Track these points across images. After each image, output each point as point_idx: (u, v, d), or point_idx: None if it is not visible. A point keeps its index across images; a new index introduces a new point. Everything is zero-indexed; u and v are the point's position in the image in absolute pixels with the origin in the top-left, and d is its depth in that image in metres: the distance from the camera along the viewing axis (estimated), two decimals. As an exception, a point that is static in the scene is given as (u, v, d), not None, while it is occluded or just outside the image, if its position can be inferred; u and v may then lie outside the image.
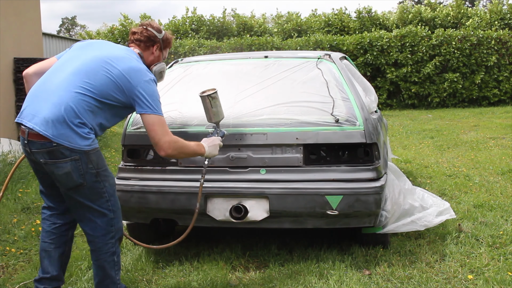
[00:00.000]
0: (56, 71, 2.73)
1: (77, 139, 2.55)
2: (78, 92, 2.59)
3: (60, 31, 50.86)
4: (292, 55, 4.09)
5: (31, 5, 9.31)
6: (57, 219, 2.89)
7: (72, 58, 2.77)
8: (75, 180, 2.59)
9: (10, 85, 8.35)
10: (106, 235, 2.74)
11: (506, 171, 6.17)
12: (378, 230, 3.57)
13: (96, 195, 2.67)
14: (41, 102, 2.60)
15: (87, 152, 2.59)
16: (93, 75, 2.63)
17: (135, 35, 2.93)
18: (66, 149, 2.54)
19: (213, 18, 19.61)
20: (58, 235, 2.88)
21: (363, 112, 3.40)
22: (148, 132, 2.72)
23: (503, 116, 12.84)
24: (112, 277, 2.80)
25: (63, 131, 2.53)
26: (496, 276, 3.17)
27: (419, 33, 16.09)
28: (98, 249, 2.75)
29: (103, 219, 2.72)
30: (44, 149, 2.55)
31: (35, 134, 2.55)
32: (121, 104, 2.71)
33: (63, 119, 2.53)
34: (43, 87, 2.67)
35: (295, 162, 3.34)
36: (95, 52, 2.75)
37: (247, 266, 3.51)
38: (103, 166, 2.69)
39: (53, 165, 2.57)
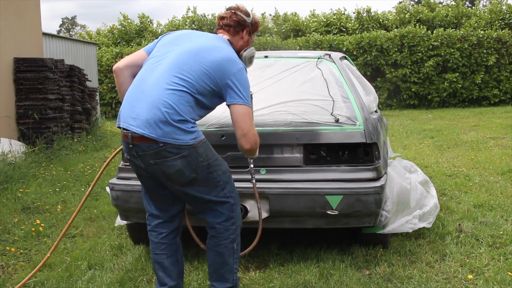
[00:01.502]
0: (149, 70, 2.67)
1: (182, 135, 2.49)
2: (174, 89, 2.53)
3: (60, 31, 50.85)
4: (292, 55, 4.09)
5: (31, 5, 9.32)
6: (163, 228, 2.80)
7: (164, 54, 2.70)
8: (188, 175, 2.56)
9: (10, 85, 8.35)
10: (228, 220, 2.71)
11: (506, 171, 6.17)
12: (378, 230, 3.57)
13: (211, 186, 2.63)
14: (139, 104, 2.54)
15: (194, 145, 2.53)
16: (187, 70, 2.58)
17: (224, 20, 2.84)
18: (173, 147, 2.49)
19: (214, 18, 19.62)
20: (167, 244, 2.80)
21: (363, 112, 3.40)
22: (236, 123, 2.61)
23: (503, 116, 12.84)
24: (230, 265, 2.75)
25: (167, 130, 2.47)
26: (496, 276, 3.17)
27: (419, 33, 16.10)
28: (218, 235, 2.70)
29: (224, 206, 2.69)
30: (151, 150, 2.51)
31: (139, 137, 2.50)
32: (214, 95, 2.64)
33: (165, 119, 2.47)
34: (139, 88, 2.62)
35: (295, 162, 3.34)
36: (186, 45, 2.69)
37: (247, 266, 3.51)
38: (213, 156, 2.64)
39: (164, 164, 2.52)
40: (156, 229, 2.80)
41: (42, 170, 6.73)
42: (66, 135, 8.85)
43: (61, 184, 6.05)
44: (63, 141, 8.46)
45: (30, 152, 7.49)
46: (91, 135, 9.90)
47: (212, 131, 3.40)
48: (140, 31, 20.11)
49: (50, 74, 8.55)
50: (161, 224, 2.80)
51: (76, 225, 4.57)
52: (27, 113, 8.29)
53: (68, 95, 9.25)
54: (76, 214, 3.21)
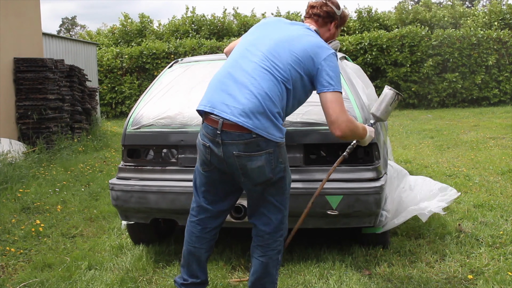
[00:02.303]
0: (241, 59, 2.61)
1: (274, 131, 2.45)
2: (271, 79, 2.48)
3: (60, 31, 50.86)
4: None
5: (31, 5, 9.32)
6: (209, 223, 2.74)
7: (255, 44, 2.64)
8: (267, 174, 2.50)
9: (10, 85, 8.35)
10: (277, 232, 2.66)
11: (506, 171, 6.17)
12: (378, 230, 3.57)
13: (279, 190, 2.60)
14: (233, 91, 2.48)
15: (280, 144, 2.50)
16: (279, 59, 2.53)
17: (314, 9, 2.81)
18: (263, 141, 2.43)
19: (214, 18, 19.62)
20: (208, 239, 2.76)
21: (363, 112, 3.40)
22: (325, 110, 2.54)
23: (503, 116, 12.84)
24: (273, 276, 2.70)
25: (264, 122, 2.42)
26: (496, 276, 3.17)
27: (419, 33, 16.11)
28: (266, 245, 2.65)
29: (278, 216, 2.63)
30: (241, 140, 2.43)
31: (232, 124, 2.42)
32: (304, 86, 2.59)
33: (263, 110, 2.42)
34: (230, 76, 2.55)
35: (295, 162, 3.34)
36: (276, 35, 2.64)
37: (247, 266, 3.50)
38: (288, 161, 2.62)
39: (247, 158, 2.46)
40: (201, 223, 2.74)
41: (42, 170, 6.73)
42: (66, 135, 8.85)
43: (61, 184, 6.05)
44: (63, 141, 8.46)
45: (30, 152, 7.49)
46: (91, 135, 9.90)
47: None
48: (141, 30, 20.12)
49: (50, 74, 8.56)
50: (207, 219, 2.74)
51: (76, 225, 4.57)
52: (27, 113, 8.29)
53: (68, 95, 9.25)
54: None
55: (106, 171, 7.04)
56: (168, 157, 3.59)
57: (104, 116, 15.25)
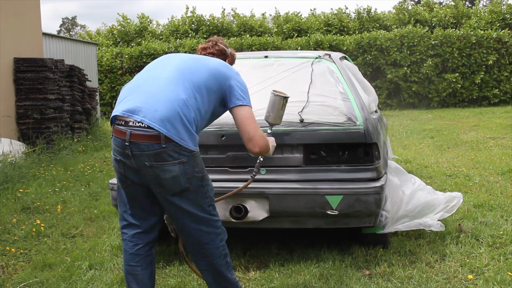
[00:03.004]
0: (152, 74, 2.62)
1: (188, 139, 2.42)
2: (187, 87, 2.49)
3: (60, 31, 50.86)
4: (292, 55, 4.09)
5: (31, 5, 9.32)
6: (140, 239, 2.65)
7: (164, 63, 2.69)
8: (182, 184, 2.45)
9: (10, 85, 8.35)
10: (215, 239, 2.60)
11: (506, 171, 6.17)
12: (378, 230, 3.57)
13: (200, 199, 2.53)
14: (149, 100, 2.45)
15: (194, 154, 2.46)
16: (194, 71, 2.58)
17: (206, 50, 2.95)
18: (174, 152, 2.39)
19: (213, 18, 19.62)
20: (143, 256, 2.65)
21: (363, 112, 3.40)
22: (242, 126, 2.60)
23: (503, 116, 12.84)
24: (230, 279, 2.67)
25: (179, 129, 2.39)
26: (496, 276, 3.17)
27: (418, 33, 16.11)
28: (210, 255, 2.60)
29: (207, 224, 2.57)
30: (150, 151, 2.38)
31: (140, 134, 2.38)
32: (217, 101, 2.63)
33: (179, 117, 2.40)
34: (143, 88, 2.53)
35: (295, 162, 3.34)
36: (183, 56, 2.73)
37: (247, 266, 3.51)
38: (205, 170, 2.57)
39: (160, 168, 2.40)
40: (132, 239, 2.65)
41: (42, 170, 6.73)
42: (66, 135, 8.85)
43: (61, 184, 6.05)
44: (63, 141, 8.47)
45: (30, 152, 7.49)
46: (91, 135, 9.91)
47: (212, 131, 3.40)
48: (140, 31, 20.11)
49: (50, 74, 8.56)
50: (138, 235, 2.65)
51: (76, 225, 4.57)
52: (27, 113, 8.29)
53: (68, 95, 9.25)
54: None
55: (106, 171, 7.04)
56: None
57: (104, 116, 15.25)
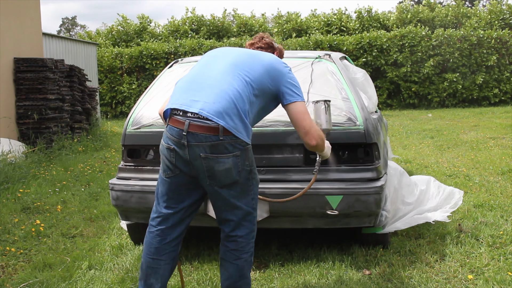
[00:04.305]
0: (206, 67, 2.65)
1: (243, 132, 2.47)
2: (242, 80, 2.53)
3: (60, 31, 50.86)
4: (292, 55, 4.09)
5: (31, 5, 9.32)
6: (169, 234, 2.66)
7: (218, 57, 2.72)
8: (233, 176, 2.50)
9: (10, 85, 8.35)
10: (250, 234, 2.65)
11: (506, 171, 6.17)
12: (378, 230, 3.57)
13: (244, 192, 2.59)
14: (204, 93, 2.48)
15: (247, 147, 2.52)
16: (250, 67, 2.60)
17: (254, 44, 2.98)
18: (230, 144, 2.44)
19: (213, 18, 19.62)
20: (168, 251, 2.67)
21: (363, 112, 3.40)
22: (298, 121, 2.63)
23: (503, 116, 12.84)
24: (248, 278, 2.68)
25: (237, 122, 2.44)
26: (496, 276, 3.17)
27: (419, 33, 16.11)
28: (240, 249, 2.63)
29: (248, 218, 2.63)
30: (208, 142, 2.42)
31: (199, 125, 2.41)
32: (270, 97, 2.66)
33: (236, 110, 2.44)
34: (199, 79, 2.58)
35: (295, 162, 3.34)
36: (239, 50, 2.77)
37: (247, 266, 3.50)
38: (254, 164, 2.63)
39: (215, 160, 2.45)
40: (161, 233, 2.66)
41: (42, 170, 6.73)
42: (66, 135, 8.85)
43: (61, 184, 6.05)
44: (63, 141, 8.47)
45: (30, 152, 7.49)
46: (91, 135, 9.90)
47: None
48: (140, 31, 20.11)
49: (50, 74, 8.56)
50: (167, 229, 2.66)
51: (76, 225, 4.57)
52: (27, 113, 8.29)
53: (68, 95, 9.25)
54: None
55: (106, 171, 7.04)
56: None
57: (104, 116, 15.25)
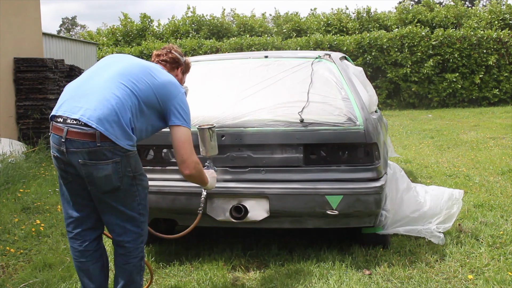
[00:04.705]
0: (95, 74, 2.65)
1: (123, 139, 2.46)
2: (126, 90, 2.52)
3: (60, 31, 50.85)
4: (292, 55, 4.09)
5: (31, 5, 9.32)
6: (87, 236, 2.70)
7: (110, 64, 2.71)
8: (113, 183, 2.50)
9: (10, 85, 8.35)
10: (137, 239, 2.65)
11: (506, 171, 6.17)
12: (378, 230, 3.58)
13: (129, 198, 2.58)
14: (87, 100, 2.48)
15: (129, 154, 2.50)
16: (137, 77, 2.59)
17: (160, 56, 2.96)
18: (109, 151, 2.44)
19: (213, 18, 19.62)
20: (92, 251, 2.71)
21: (363, 112, 3.40)
22: (177, 148, 2.65)
23: (503, 116, 12.84)
24: (137, 283, 2.71)
25: (115, 127, 2.43)
26: (496, 276, 3.17)
27: (419, 33, 16.11)
28: (128, 253, 2.65)
29: (134, 223, 2.63)
30: (85, 148, 2.42)
31: (76, 132, 2.42)
32: (157, 114, 2.66)
33: (117, 118, 2.44)
34: (82, 89, 2.57)
35: (295, 162, 3.34)
36: (133, 60, 2.75)
37: (247, 266, 3.51)
38: (140, 170, 2.62)
39: (93, 167, 2.45)
40: (79, 237, 2.69)
41: (42, 170, 6.73)
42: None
43: (61, 184, 6.04)
44: (63, 141, 8.45)
45: (30, 152, 7.49)
46: (91, 135, 9.88)
47: (212, 131, 3.40)
48: (141, 31, 20.12)
49: (50, 74, 8.56)
50: (84, 232, 2.69)
51: (76, 225, 4.56)
52: (27, 113, 8.30)
53: (68, 95, 9.24)
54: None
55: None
56: (168, 157, 3.59)
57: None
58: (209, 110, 3.52)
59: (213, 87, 3.83)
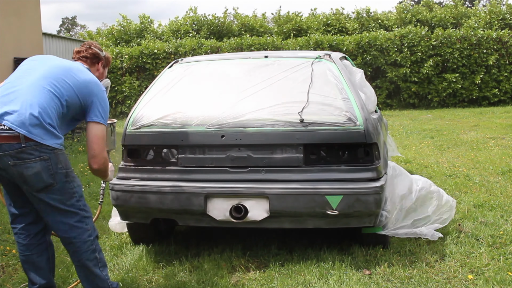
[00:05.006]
0: (19, 78, 2.74)
1: (48, 138, 2.57)
2: (49, 93, 2.63)
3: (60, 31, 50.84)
4: (292, 55, 4.09)
5: (31, 5, 9.32)
6: (30, 230, 2.83)
7: (33, 67, 2.81)
8: (45, 180, 2.59)
9: (10, 85, 8.35)
10: (83, 233, 2.74)
11: (506, 171, 6.17)
12: (378, 230, 3.57)
13: (66, 195, 2.67)
14: (11, 104, 2.59)
15: (57, 152, 2.60)
16: (59, 79, 2.70)
17: (80, 53, 3.05)
18: (35, 149, 2.54)
19: (214, 18, 19.62)
20: (36, 244, 2.84)
21: (363, 112, 3.40)
22: (91, 143, 2.74)
23: (503, 116, 12.84)
24: (99, 275, 2.79)
25: (38, 129, 2.54)
26: (496, 276, 3.17)
27: (419, 33, 16.11)
28: (78, 250, 2.74)
29: (76, 218, 2.71)
30: (12, 150, 2.53)
31: (2, 136, 2.52)
32: (79, 110, 2.76)
33: (38, 121, 2.55)
34: (8, 91, 2.67)
35: (295, 162, 3.34)
36: (54, 62, 2.84)
37: (247, 266, 3.51)
38: (71, 168, 2.72)
39: (23, 166, 2.55)
40: (23, 231, 2.83)
41: (42, 170, 6.72)
42: (66, 135, 8.85)
43: (61, 184, 6.04)
44: (63, 141, 8.46)
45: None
46: (91, 135, 9.89)
47: (212, 131, 3.40)
48: (140, 31, 20.11)
49: (50, 74, 8.56)
50: (27, 226, 2.83)
51: (76, 225, 4.56)
52: (27, 113, 8.29)
53: (68, 95, 9.25)
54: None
55: (106, 171, 7.03)
56: (168, 157, 3.60)
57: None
58: (209, 110, 3.52)
59: (213, 87, 3.83)
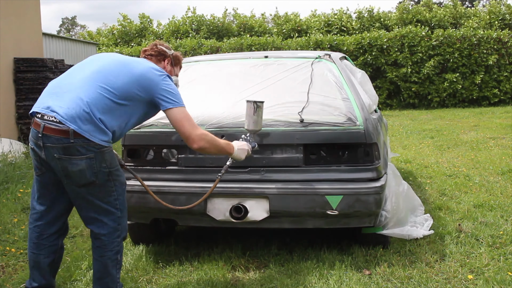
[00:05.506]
0: (74, 72, 2.76)
1: (97, 133, 2.56)
2: (100, 90, 2.61)
3: (60, 31, 50.85)
4: (292, 55, 4.09)
5: (31, 5, 9.32)
6: (46, 229, 2.83)
7: (90, 62, 2.81)
8: (88, 177, 2.60)
9: (10, 85, 8.35)
10: (113, 233, 2.75)
11: (506, 171, 6.17)
12: (378, 230, 3.57)
13: (105, 193, 2.69)
14: (62, 98, 2.61)
15: (103, 150, 2.60)
16: (114, 76, 2.68)
17: (146, 51, 3.04)
18: (82, 147, 2.54)
19: (214, 18, 19.62)
20: (47, 245, 2.84)
21: (363, 112, 3.40)
22: (177, 129, 2.75)
23: (503, 116, 12.84)
24: (113, 276, 2.80)
25: (88, 125, 2.54)
26: (496, 276, 3.17)
27: (419, 33, 16.11)
28: (103, 246, 2.74)
29: (110, 217, 2.73)
30: (60, 144, 2.54)
31: (52, 128, 2.54)
32: (145, 104, 2.73)
33: (89, 116, 2.54)
34: (62, 84, 2.70)
35: (295, 162, 3.34)
36: (113, 57, 2.83)
37: (247, 266, 3.51)
38: (116, 166, 2.72)
39: (68, 161, 2.57)
40: (38, 229, 2.82)
41: (42, 170, 6.73)
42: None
43: (61, 184, 6.05)
44: (63, 141, 8.46)
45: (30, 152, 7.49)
46: (91, 135, 9.89)
47: (212, 131, 3.40)
48: (141, 31, 20.12)
49: (50, 74, 8.56)
50: (44, 225, 2.82)
51: (76, 225, 4.57)
52: (27, 113, 8.29)
53: (68, 95, 9.25)
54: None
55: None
56: (168, 157, 3.60)
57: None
58: (209, 110, 3.52)
59: (213, 87, 3.83)
